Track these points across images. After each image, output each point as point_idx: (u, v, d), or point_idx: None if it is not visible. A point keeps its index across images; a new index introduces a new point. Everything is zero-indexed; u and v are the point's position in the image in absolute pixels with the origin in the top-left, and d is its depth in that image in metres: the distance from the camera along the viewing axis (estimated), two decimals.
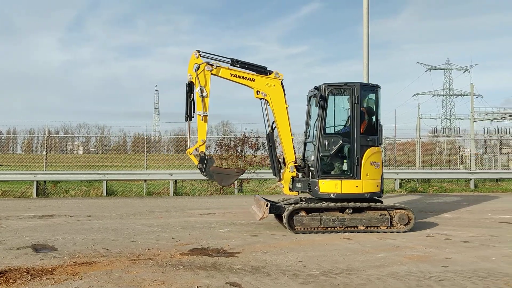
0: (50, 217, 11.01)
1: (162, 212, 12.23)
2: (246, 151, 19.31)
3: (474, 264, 6.27)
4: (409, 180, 20.12)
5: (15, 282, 5.32)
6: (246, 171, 17.92)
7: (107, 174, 17.71)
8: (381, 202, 9.36)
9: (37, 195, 16.94)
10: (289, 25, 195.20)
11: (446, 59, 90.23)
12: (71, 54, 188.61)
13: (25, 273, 5.67)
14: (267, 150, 9.89)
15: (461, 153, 41.54)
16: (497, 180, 21.58)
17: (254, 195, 10.78)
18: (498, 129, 52.59)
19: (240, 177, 18.08)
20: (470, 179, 20.39)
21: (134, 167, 23.78)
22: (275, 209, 9.04)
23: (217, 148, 19.38)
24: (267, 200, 9.25)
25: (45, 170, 18.44)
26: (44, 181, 17.59)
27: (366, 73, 19.26)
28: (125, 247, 7.37)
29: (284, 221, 8.65)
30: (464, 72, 78.88)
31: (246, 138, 19.29)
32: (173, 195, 17.56)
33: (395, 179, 19.54)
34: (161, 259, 6.53)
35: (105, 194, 17.33)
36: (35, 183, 17.07)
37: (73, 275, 5.64)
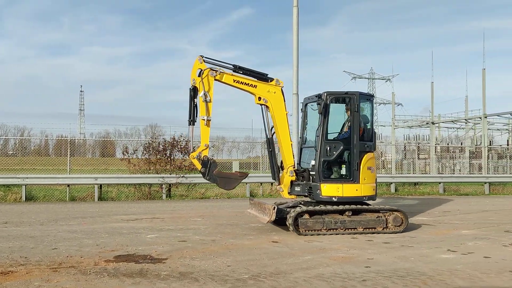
0: None
1: (86, 218, 11.74)
2: (175, 155, 19.04)
3: (394, 264, 6.58)
4: None
5: None
6: (180, 176, 17.72)
7: (27, 178, 16.76)
8: (368, 205, 9.80)
9: None
10: (219, 30, 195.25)
11: (370, 69, 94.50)
12: None
13: None
14: (267, 154, 10.24)
15: (383, 158, 43.55)
16: (415, 184, 22.86)
17: (251, 199, 11.09)
18: (416, 135, 55.80)
19: (170, 182, 17.85)
20: (391, 183, 21.44)
21: (57, 171, 22.69)
22: (278, 212, 9.21)
23: (145, 152, 18.93)
24: (274, 204, 9.49)
25: None
26: None
27: (295, 80, 19.68)
28: (45, 255, 6.99)
29: (290, 222, 8.87)
30: (386, 81, 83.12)
31: (175, 142, 19.02)
32: (98, 200, 16.93)
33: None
34: (85, 267, 6.26)
35: (24, 199, 16.37)
36: None
37: None
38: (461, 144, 52.96)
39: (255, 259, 6.84)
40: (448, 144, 55.96)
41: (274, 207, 9.00)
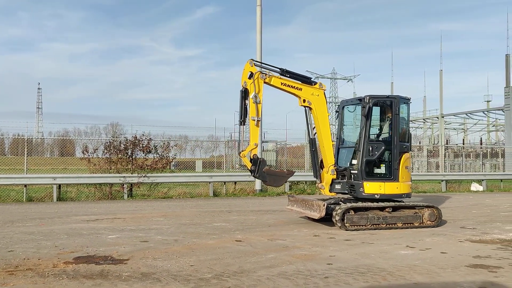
0: None
1: (44, 218, 11.41)
2: (137, 154, 18.75)
3: (355, 261, 6.70)
4: (298, 183, 21.00)
5: None
6: (142, 175, 17.46)
7: None
8: (403, 202, 10.21)
9: None
10: (183, 27, 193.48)
11: (332, 69, 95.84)
12: None
13: None
14: (310, 154, 10.74)
15: None
16: None
17: (291, 195, 11.60)
18: None
19: (132, 181, 17.58)
20: None
21: (13, 171, 21.92)
22: (327, 209, 9.62)
23: (106, 151, 18.54)
24: (323, 200, 10.00)
25: None
26: None
27: None
28: (1, 258, 6.74)
29: (337, 218, 9.36)
30: (348, 81, 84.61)
31: (137, 141, 18.73)
32: (57, 200, 16.48)
33: (286, 181, 20.22)
34: (43, 269, 6.08)
35: None
36: None
37: None
38: (420, 143, 54.52)
39: (219, 259, 6.82)
40: None
41: (324, 204, 9.55)
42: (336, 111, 11.44)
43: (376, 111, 10.49)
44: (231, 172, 31.44)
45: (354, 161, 10.19)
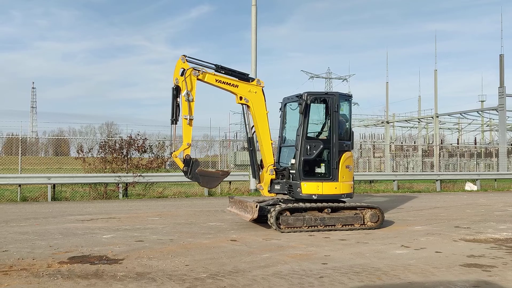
0: None
1: (39, 218, 11.37)
2: (132, 154, 18.72)
3: (350, 261, 6.71)
4: None
5: None
6: (137, 175, 17.42)
7: None
8: (344, 202, 9.98)
9: None
10: (177, 27, 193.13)
11: (327, 68, 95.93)
12: None
13: None
14: (248, 153, 10.25)
15: None
16: (371, 181, 23.43)
17: (231, 197, 11.07)
18: (372, 134, 57.17)
19: (127, 181, 17.53)
20: None
21: (7, 170, 21.81)
22: (260, 210, 9.33)
23: (101, 150, 18.50)
24: (256, 202, 9.60)
25: None
26: None
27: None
28: None
29: (272, 221, 9.07)
30: (343, 81, 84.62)
31: (132, 140, 18.70)
32: (52, 200, 16.43)
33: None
34: (37, 269, 6.06)
35: None
36: None
37: None
38: (414, 143, 54.76)
39: (214, 258, 6.83)
40: (402, 142, 57.67)
41: (257, 205, 9.19)
42: (280, 109, 11.01)
43: (314, 108, 10.16)
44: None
45: (293, 161, 9.84)
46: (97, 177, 17.51)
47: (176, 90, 9.34)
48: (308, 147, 9.70)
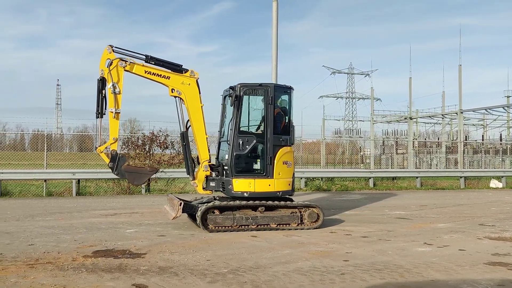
0: None
1: (64, 213, 11.59)
2: (155, 150, 18.92)
3: (372, 258, 6.67)
4: (314, 179, 20.95)
5: None
6: (159, 171, 17.57)
7: (2, 173, 16.40)
8: (292, 200, 9.63)
9: None
10: (199, 24, 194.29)
11: (349, 64, 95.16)
12: None
13: None
14: (181, 148, 9.82)
15: (361, 153, 44.01)
16: (394, 178, 23.19)
17: (167, 194, 10.55)
18: (394, 131, 56.52)
19: (152, 177, 17.70)
20: (370, 178, 21.70)
21: (33, 166, 22.27)
22: (189, 208, 9.05)
23: (124, 146, 18.75)
24: (180, 199, 9.15)
25: None
26: None
27: (274, 74, 19.74)
28: (21, 251, 6.89)
29: (198, 220, 8.64)
30: (365, 76, 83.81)
31: (154, 137, 18.89)
32: (76, 195, 16.72)
33: (301, 178, 20.22)
34: (62, 263, 6.19)
35: (0, 194, 16.05)
36: None
37: None
38: (438, 139, 53.87)
39: (234, 254, 6.86)
40: (425, 139, 56.87)
41: (181, 203, 8.81)
42: (222, 104, 10.38)
43: (248, 100, 9.59)
44: None
45: (227, 156, 9.36)
46: None
47: (102, 82, 8.89)
48: (241, 142, 9.19)
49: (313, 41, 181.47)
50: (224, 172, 9.41)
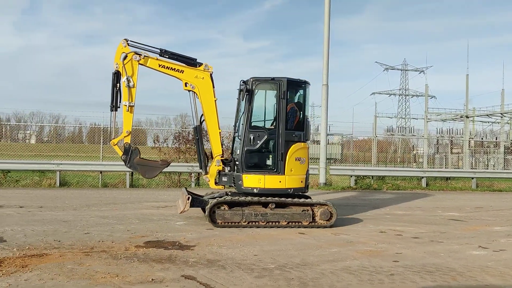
0: None
1: (118, 204, 12.01)
2: (205, 144, 19.19)
3: (423, 259, 6.50)
4: (364, 177, 20.60)
5: None
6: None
7: (61, 164, 17.20)
8: (309, 197, 9.48)
9: None
10: (250, 19, 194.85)
11: (403, 60, 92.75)
12: (25, 39, 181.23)
13: None
14: (195, 143, 9.80)
15: (414, 152, 42.88)
16: (447, 178, 22.42)
17: (182, 189, 10.59)
18: (449, 129, 54.63)
19: (199, 171, 17.99)
20: (422, 177, 21.10)
21: (90, 158, 23.21)
22: (198, 203, 9.13)
23: (175, 141, 19.21)
24: (190, 193, 9.26)
25: None
26: None
27: (325, 70, 19.56)
28: (78, 239, 7.20)
29: (206, 213, 8.66)
30: (420, 73, 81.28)
31: (204, 132, 19.16)
32: (130, 187, 17.28)
33: (351, 176, 19.94)
34: (116, 252, 6.42)
35: (58, 185, 16.84)
36: None
37: (22, 267, 5.46)
38: (496, 139, 51.55)
39: (282, 250, 6.87)
40: (482, 138, 54.61)
41: (189, 197, 8.82)
42: (237, 98, 10.13)
43: (261, 95, 9.43)
44: None
45: (238, 151, 9.24)
46: (171, 166, 18.12)
47: (117, 76, 8.98)
48: (252, 137, 9.04)
49: (366, 36, 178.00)
50: (236, 167, 9.36)
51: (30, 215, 9.63)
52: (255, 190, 8.97)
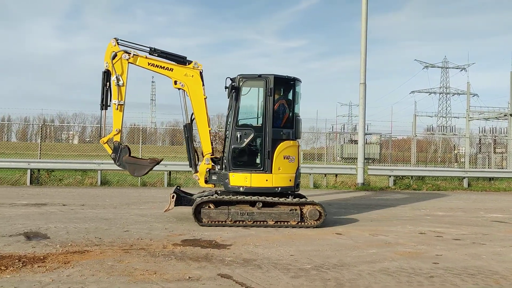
0: (43, 206, 10.99)
1: (156, 202, 12.23)
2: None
3: (464, 262, 6.31)
4: (403, 177, 20.20)
5: (6, 269, 5.31)
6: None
7: (102, 163, 17.65)
8: (304, 197, 9.32)
9: (30, 183, 16.92)
10: (286, 19, 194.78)
11: (443, 57, 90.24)
12: (68, 42, 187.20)
13: (16, 261, 5.67)
14: (185, 141, 9.82)
15: (455, 152, 41.70)
16: (490, 179, 21.72)
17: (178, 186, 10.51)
18: (492, 128, 52.85)
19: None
20: (464, 178, 20.51)
21: None
22: (186, 202, 9.20)
23: (212, 139, 19.39)
24: (180, 191, 9.37)
25: (39, 158, 18.41)
26: (38, 170, 17.56)
27: (363, 69, 19.31)
28: (118, 237, 7.38)
29: (192, 212, 8.65)
30: (461, 70, 79.03)
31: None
32: (167, 186, 17.57)
33: (390, 176, 19.61)
34: (154, 249, 6.54)
35: (100, 183, 17.31)
36: (29, 171, 17.05)
37: (65, 263, 5.64)
38: None
39: (318, 250, 6.82)
40: None
41: (173, 196, 8.88)
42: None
43: (248, 92, 9.24)
44: (332, 164, 31.12)
45: (226, 149, 9.22)
46: None
47: (107, 74, 9.06)
48: (239, 135, 8.95)
49: (404, 34, 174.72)
50: (224, 166, 9.29)
51: (72, 213, 9.94)
52: (241, 189, 8.90)
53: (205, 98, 9.34)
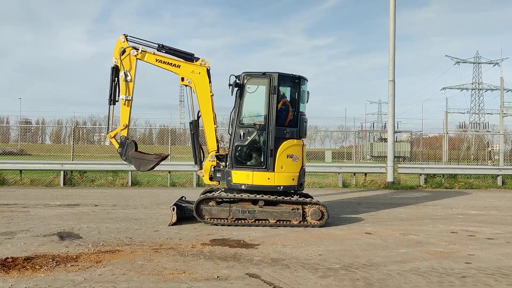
0: (76, 206, 11.26)
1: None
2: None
3: (498, 262, 6.16)
4: (435, 176, 19.82)
5: (41, 268, 5.47)
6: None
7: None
8: (310, 196, 9.24)
9: (64, 184, 17.34)
10: (313, 17, 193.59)
11: (475, 52, 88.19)
12: (97, 45, 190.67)
13: (50, 260, 5.83)
14: (190, 138, 9.82)
15: (489, 149, 40.63)
16: None
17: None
18: None
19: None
20: (498, 175, 19.98)
21: None
22: (190, 212, 9.06)
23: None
24: (182, 202, 9.41)
25: (72, 160, 18.84)
26: (71, 171, 17.98)
27: (392, 66, 19.05)
28: (148, 237, 7.49)
29: (193, 209, 8.67)
30: (494, 65, 76.93)
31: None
32: (196, 186, 17.72)
33: (420, 175, 19.28)
34: (183, 249, 6.61)
35: (130, 184, 17.61)
36: (62, 172, 17.48)
37: (96, 262, 5.76)
38: None
39: (347, 250, 6.77)
40: None
41: (173, 208, 8.75)
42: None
43: (253, 90, 9.15)
44: (361, 163, 30.81)
45: (229, 147, 9.16)
46: None
47: (115, 70, 9.13)
48: (242, 133, 8.94)
49: (434, 29, 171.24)
50: (227, 164, 9.27)
51: (104, 213, 10.14)
52: (243, 187, 8.89)
53: (211, 95, 9.36)
